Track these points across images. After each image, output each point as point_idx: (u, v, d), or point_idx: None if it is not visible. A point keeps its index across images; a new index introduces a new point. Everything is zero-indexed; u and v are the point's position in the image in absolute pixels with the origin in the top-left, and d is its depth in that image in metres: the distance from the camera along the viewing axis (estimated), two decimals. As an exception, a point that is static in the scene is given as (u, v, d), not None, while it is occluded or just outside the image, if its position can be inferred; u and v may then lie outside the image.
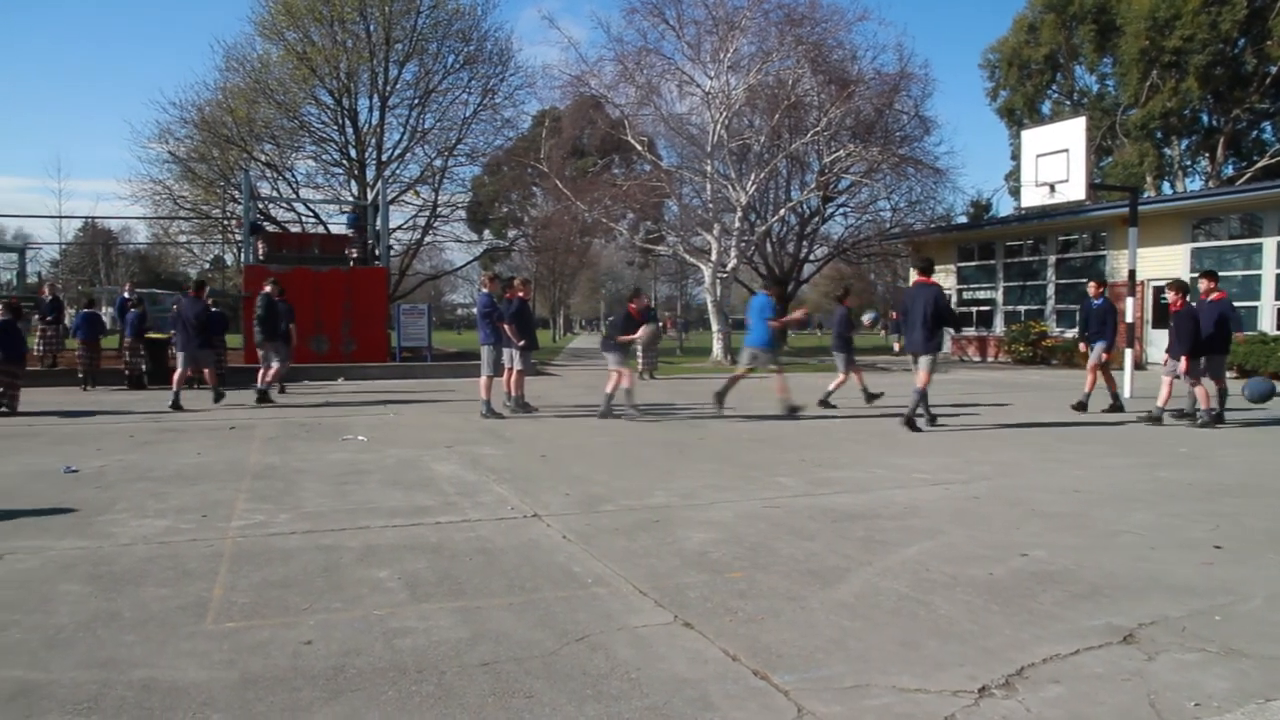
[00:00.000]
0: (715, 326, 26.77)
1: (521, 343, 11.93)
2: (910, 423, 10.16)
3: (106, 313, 25.93)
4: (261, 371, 14.03)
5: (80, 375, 16.42)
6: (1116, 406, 12.16)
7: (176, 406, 12.31)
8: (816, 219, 35.67)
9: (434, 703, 2.97)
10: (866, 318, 16.92)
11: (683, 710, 2.92)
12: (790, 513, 5.91)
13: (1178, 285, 10.91)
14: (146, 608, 3.93)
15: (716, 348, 26.39)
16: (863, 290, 48.38)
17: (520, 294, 12.36)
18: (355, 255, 22.95)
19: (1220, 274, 13.12)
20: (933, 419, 10.59)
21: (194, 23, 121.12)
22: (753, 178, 26.74)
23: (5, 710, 2.91)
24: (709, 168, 26.02)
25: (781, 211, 32.01)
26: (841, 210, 36.60)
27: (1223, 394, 10.97)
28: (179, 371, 13.04)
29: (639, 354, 19.32)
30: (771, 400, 12.21)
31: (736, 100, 25.20)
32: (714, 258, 26.05)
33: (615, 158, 33.22)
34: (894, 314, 16.65)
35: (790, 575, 4.46)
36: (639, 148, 27.22)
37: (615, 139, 28.52)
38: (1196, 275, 12.43)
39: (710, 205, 26.66)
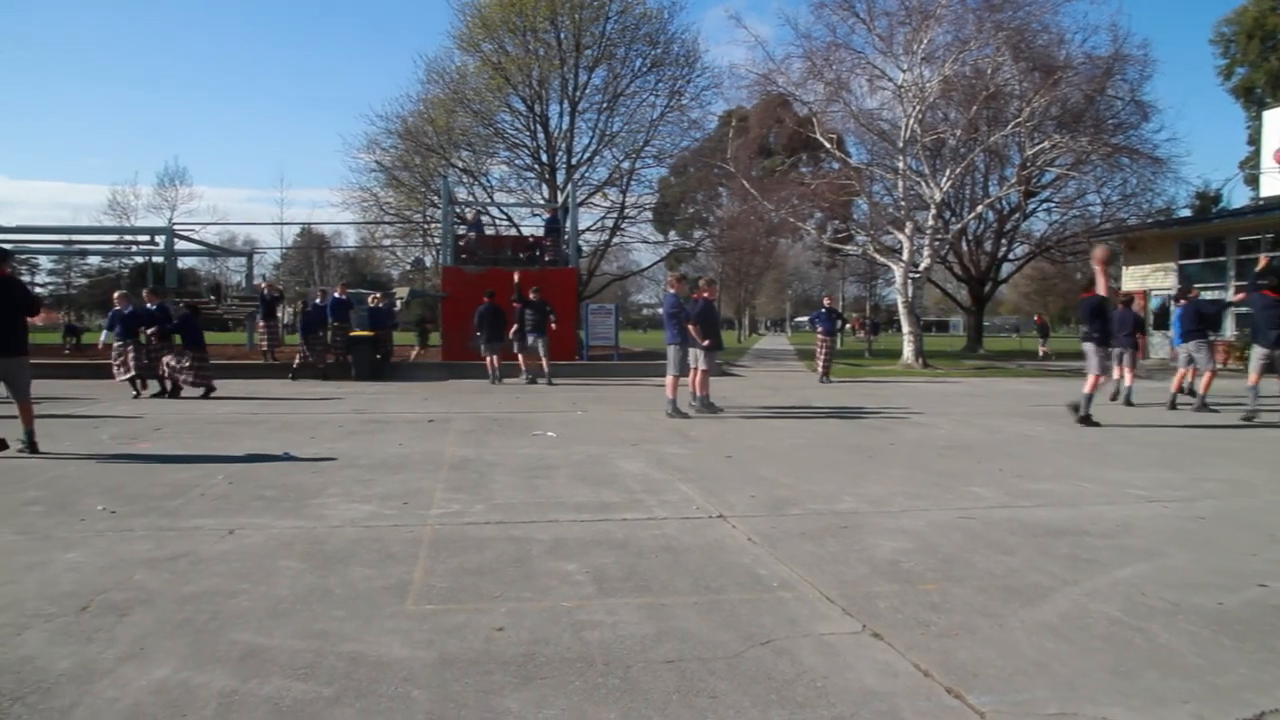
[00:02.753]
0: (906, 328, 25.83)
1: (707, 343, 11.95)
2: None
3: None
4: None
5: (294, 366, 18.08)
6: None
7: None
8: (1017, 215, 33.91)
9: (619, 696, 3.02)
10: None
11: (872, 724, 2.82)
12: (987, 524, 5.61)
13: None
14: (354, 586, 4.21)
15: (907, 350, 25.47)
16: (1067, 291, 45.35)
17: (706, 294, 12.40)
18: (549, 257, 23.70)
19: None
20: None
21: (400, 40, 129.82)
22: (947, 173, 25.69)
23: (237, 669, 3.20)
24: (901, 164, 25.19)
25: (979, 208, 30.60)
26: (1045, 206, 34.64)
27: None
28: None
29: (820, 356, 18.96)
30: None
31: (931, 93, 24.27)
32: (905, 257, 25.20)
33: (802, 156, 32.77)
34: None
35: (987, 590, 4.23)
36: (827, 145, 26.69)
37: (803, 137, 28.14)
38: None
39: (902, 203, 25.83)
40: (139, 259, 42.83)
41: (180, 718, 2.82)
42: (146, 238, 31.39)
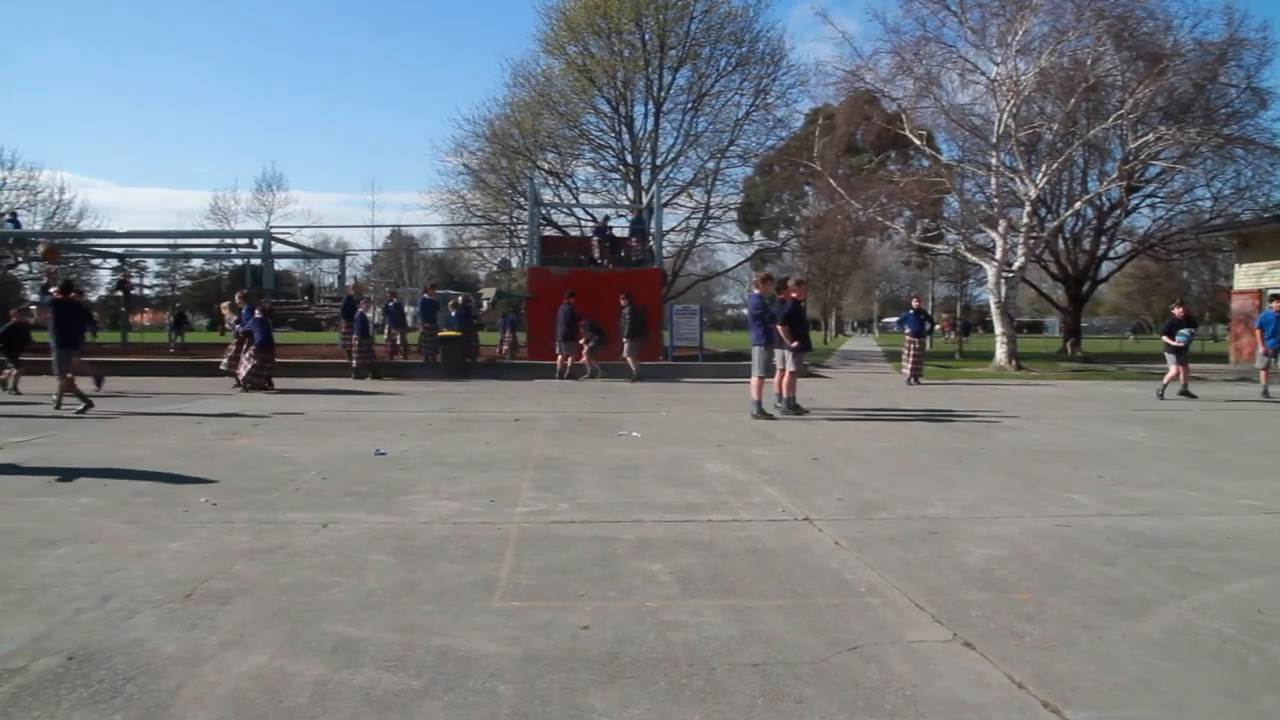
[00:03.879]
0: (999, 329, 25.05)
1: (794, 344, 11.82)
2: None
3: (409, 312, 28.74)
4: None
5: (354, 366, 18.64)
6: None
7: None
8: (1117, 212, 32.58)
9: (704, 697, 3.00)
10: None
11: (965, 737, 2.74)
12: (1085, 533, 5.40)
13: None
14: (442, 581, 4.29)
15: (1000, 352, 24.72)
16: (1173, 290, 43.45)
17: (794, 295, 12.27)
18: (634, 258, 23.77)
19: None
20: None
21: (488, 45, 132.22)
22: (1043, 169, 24.81)
23: (330, 659, 3.30)
24: (994, 160, 24.51)
25: (1076, 205, 29.53)
26: (1149, 201, 33.20)
27: None
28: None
29: (909, 357, 18.62)
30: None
31: (1026, 86, 23.49)
32: (998, 256, 24.48)
33: (891, 153, 32.14)
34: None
35: (1085, 601, 4.07)
36: (917, 142, 26.12)
37: (891, 134, 27.59)
38: None
39: (995, 200, 25.12)
40: (238, 261, 44.61)
41: (277, 704, 2.92)
42: (246, 241, 32.62)
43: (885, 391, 16.59)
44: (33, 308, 17.26)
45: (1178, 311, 15.76)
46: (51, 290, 13.67)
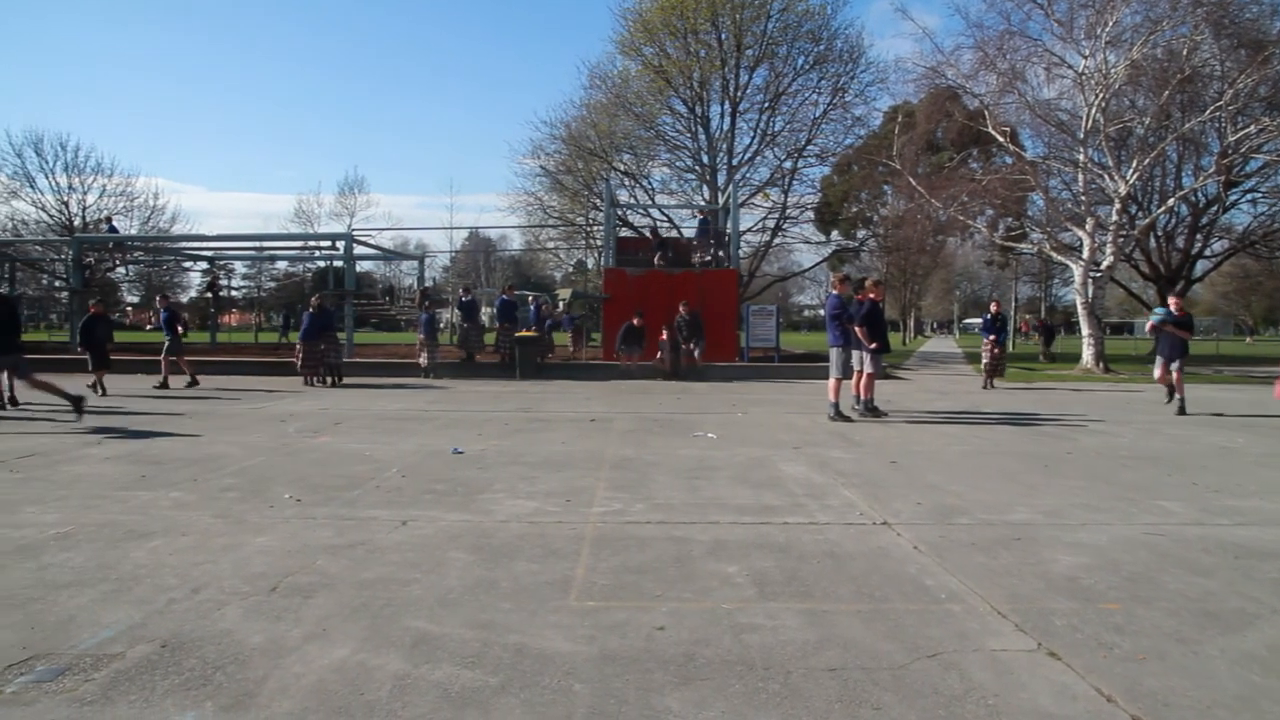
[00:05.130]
0: (1085, 331, 24.26)
1: (873, 345, 11.64)
2: None
3: (486, 312, 29.19)
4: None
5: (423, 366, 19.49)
6: None
7: None
8: (1215, 208, 31.25)
9: (780, 701, 2.97)
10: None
11: (1050, 750, 2.65)
12: (1178, 542, 5.18)
13: None
14: (519, 580, 4.33)
15: (1087, 354, 23.95)
16: (1275, 290, 41.47)
17: (872, 295, 12.08)
18: (700, 259, 23.69)
19: None
20: None
21: (564, 47, 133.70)
22: (1134, 165, 23.93)
23: (410, 654, 3.36)
24: (1081, 156, 23.71)
25: (1170, 201, 28.40)
26: (1249, 196, 31.74)
27: None
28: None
29: (985, 362, 18.17)
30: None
31: (1116, 79, 22.67)
32: (1085, 255, 23.71)
33: (973, 151, 31.35)
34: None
35: (1179, 614, 3.90)
36: (1000, 139, 25.43)
37: (973, 131, 26.95)
38: None
39: (1082, 198, 24.30)
40: (321, 263, 45.86)
41: (358, 696, 2.98)
42: (328, 243, 33.51)
43: (965, 394, 16.21)
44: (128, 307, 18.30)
45: None
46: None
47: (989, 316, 18.99)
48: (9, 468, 7.38)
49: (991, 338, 18.21)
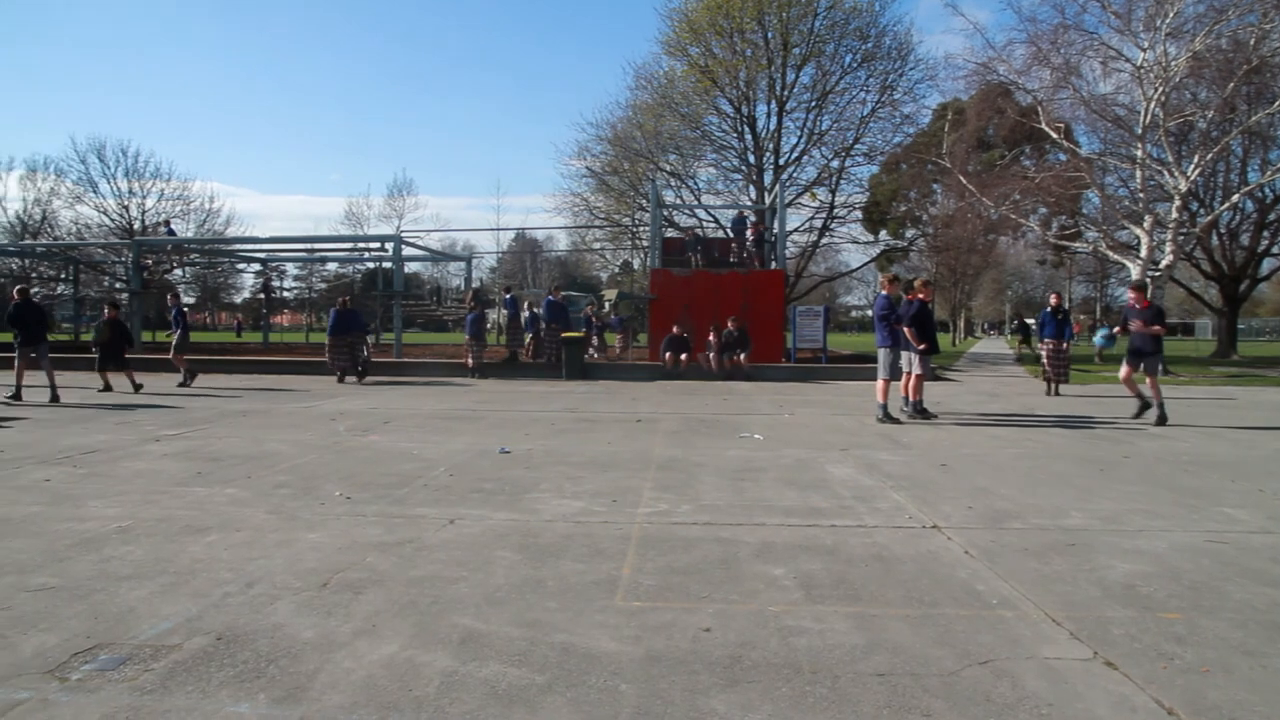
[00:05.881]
0: (1143, 331, 23.59)
1: (922, 346, 11.49)
2: None
3: (534, 312, 29.40)
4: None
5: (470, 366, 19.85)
6: None
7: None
8: (1281, 204, 30.36)
9: (827, 705, 2.94)
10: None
11: (1108, 763, 2.58)
12: (1243, 551, 5.02)
13: None
14: (565, 579, 4.34)
15: (1145, 355, 23.32)
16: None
17: (921, 296, 11.92)
18: (737, 258, 23.55)
19: None
20: None
21: (610, 48, 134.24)
22: (1195, 160, 23.24)
23: (457, 651, 3.39)
24: (1139, 152, 23.13)
25: (1234, 198, 27.57)
26: (1319, 192, 30.81)
27: None
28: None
29: (1046, 363, 17.01)
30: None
31: (1177, 72, 21.99)
32: (1143, 254, 23.11)
33: (1025, 148, 30.78)
34: None
35: (1245, 625, 3.78)
36: (1054, 135, 24.90)
37: (1025, 128, 26.43)
38: None
39: (1140, 195, 23.70)
40: (370, 264, 46.47)
41: (407, 692, 3.01)
42: (377, 245, 33.95)
43: (1018, 396, 15.92)
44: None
45: None
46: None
47: (1049, 310, 16.83)
48: (73, 463, 7.59)
49: (1049, 341, 16.36)
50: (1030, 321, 33.13)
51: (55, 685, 3.06)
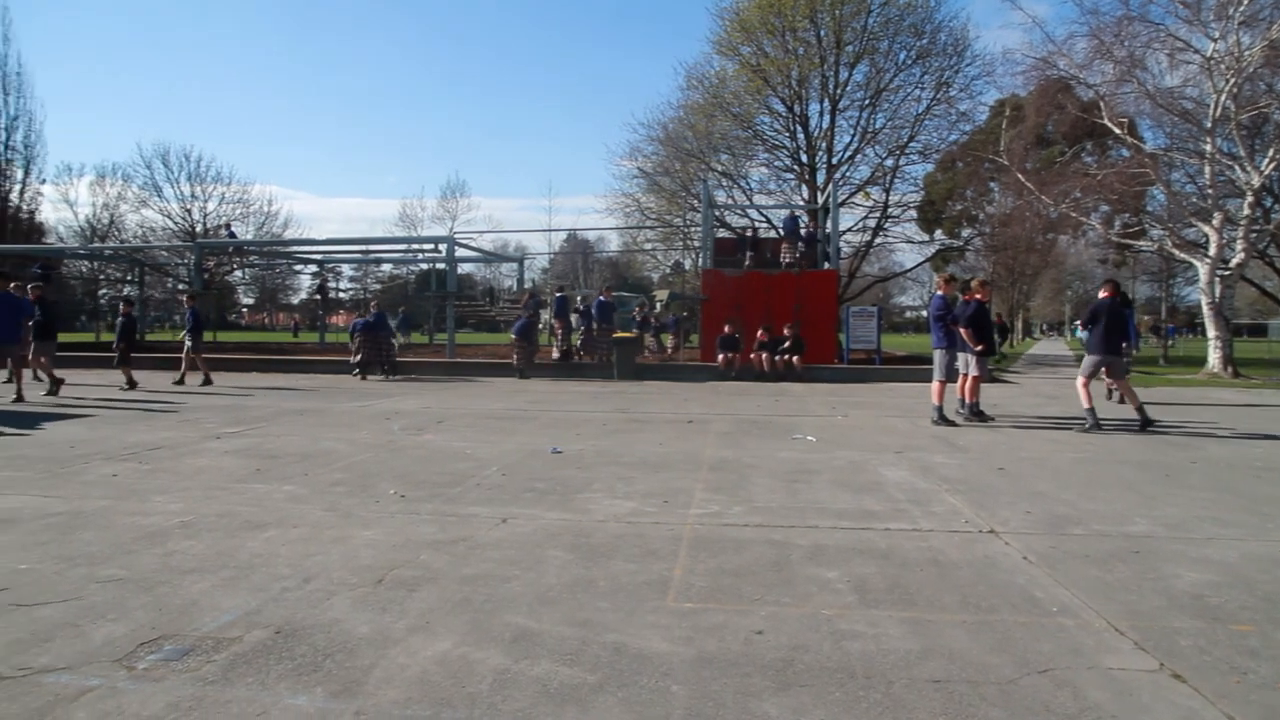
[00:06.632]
0: (1212, 333, 22.77)
1: (979, 347, 11.29)
2: None
3: (586, 308, 29.57)
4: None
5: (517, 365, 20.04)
6: None
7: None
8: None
9: (881, 711, 2.89)
10: None
11: (1176, 779, 2.50)
12: (1320, 560, 4.84)
13: None
14: (617, 579, 4.34)
15: (1213, 357, 22.56)
16: None
17: (978, 296, 11.70)
18: (787, 260, 23.34)
19: None
20: None
21: (661, 48, 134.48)
22: (1269, 154, 22.43)
23: (510, 649, 3.41)
24: (1208, 146, 22.41)
25: (1314, 192, 26.59)
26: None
27: None
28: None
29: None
30: None
31: (1250, 62, 21.18)
32: (1213, 252, 22.42)
33: (1086, 145, 30.06)
34: None
35: (1323, 638, 3.63)
36: (1117, 131, 24.27)
37: (1087, 124, 25.83)
38: None
39: (1209, 191, 22.97)
40: (424, 265, 47.07)
41: (460, 689, 3.03)
42: (430, 246, 34.37)
43: (1077, 398, 15.52)
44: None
45: None
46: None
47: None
48: (139, 459, 7.80)
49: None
50: None
51: (123, 674, 3.15)
